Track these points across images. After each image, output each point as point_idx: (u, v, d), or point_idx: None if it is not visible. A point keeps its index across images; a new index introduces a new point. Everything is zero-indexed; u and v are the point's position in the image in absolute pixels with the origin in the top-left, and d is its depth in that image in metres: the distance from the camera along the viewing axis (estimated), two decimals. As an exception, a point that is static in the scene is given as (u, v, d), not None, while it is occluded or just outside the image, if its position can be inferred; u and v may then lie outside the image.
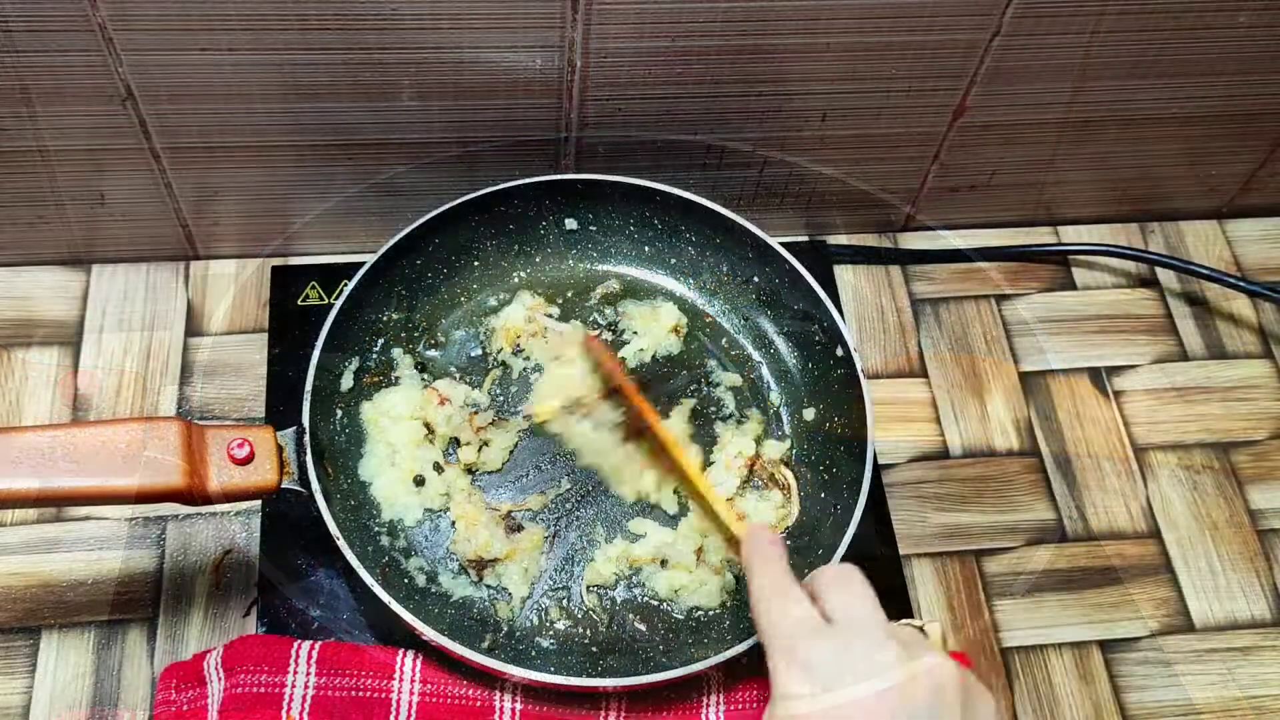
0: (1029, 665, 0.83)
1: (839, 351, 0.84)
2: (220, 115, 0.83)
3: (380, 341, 0.87)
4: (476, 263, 0.91)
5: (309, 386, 0.78)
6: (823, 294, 0.84)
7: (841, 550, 0.75)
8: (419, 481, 0.81)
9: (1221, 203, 1.04)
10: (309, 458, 0.75)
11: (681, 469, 0.74)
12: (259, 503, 0.84)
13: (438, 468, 0.82)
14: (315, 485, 0.74)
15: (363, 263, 0.83)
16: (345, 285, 0.83)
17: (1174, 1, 0.82)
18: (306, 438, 0.75)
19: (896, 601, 0.84)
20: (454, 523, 0.81)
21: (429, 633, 0.71)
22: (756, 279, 0.90)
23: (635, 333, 0.90)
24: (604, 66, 0.82)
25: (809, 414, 0.87)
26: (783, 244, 0.86)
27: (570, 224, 0.91)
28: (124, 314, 0.93)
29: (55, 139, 0.83)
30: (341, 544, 0.73)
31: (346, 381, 0.84)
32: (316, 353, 0.79)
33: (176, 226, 0.93)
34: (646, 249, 0.92)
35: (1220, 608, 0.87)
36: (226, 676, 0.74)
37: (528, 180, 0.87)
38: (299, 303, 0.93)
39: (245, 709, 0.73)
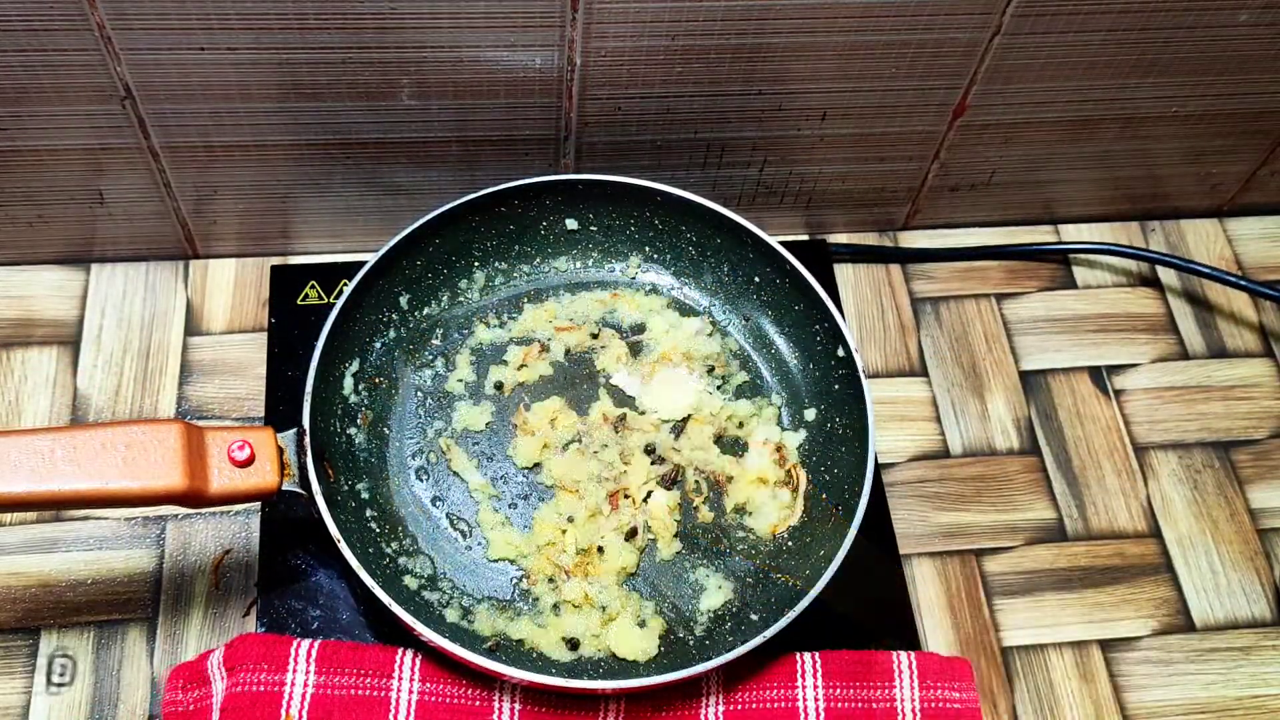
0: (1029, 665, 0.83)
1: (840, 351, 0.84)
2: (220, 114, 0.83)
3: (380, 342, 0.87)
4: (476, 263, 0.91)
5: (309, 388, 0.78)
6: (823, 294, 0.84)
7: (843, 550, 0.75)
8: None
9: (1222, 201, 1.04)
10: (309, 459, 0.74)
11: None
12: (259, 503, 0.84)
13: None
14: (316, 487, 0.74)
15: (363, 263, 0.83)
16: (345, 285, 0.83)
17: (1174, 1, 0.82)
18: (307, 439, 0.75)
19: (896, 601, 0.84)
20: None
21: (429, 634, 0.71)
22: (757, 279, 0.89)
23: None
24: (604, 65, 0.82)
25: (810, 414, 0.87)
26: (783, 243, 0.86)
27: (570, 224, 0.91)
28: (123, 313, 0.93)
29: (54, 138, 0.83)
30: (343, 546, 0.73)
31: (347, 383, 0.84)
32: (317, 353, 0.79)
33: (176, 225, 0.93)
34: (647, 249, 0.92)
35: (1220, 607, 0.87)
36: (228, 675, 0.75)
37: (528, 180, 0.87)
38: (299, 302, 0.93)
39: (245, 708, 0.73)
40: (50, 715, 0.77)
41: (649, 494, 0.83)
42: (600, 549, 0.81)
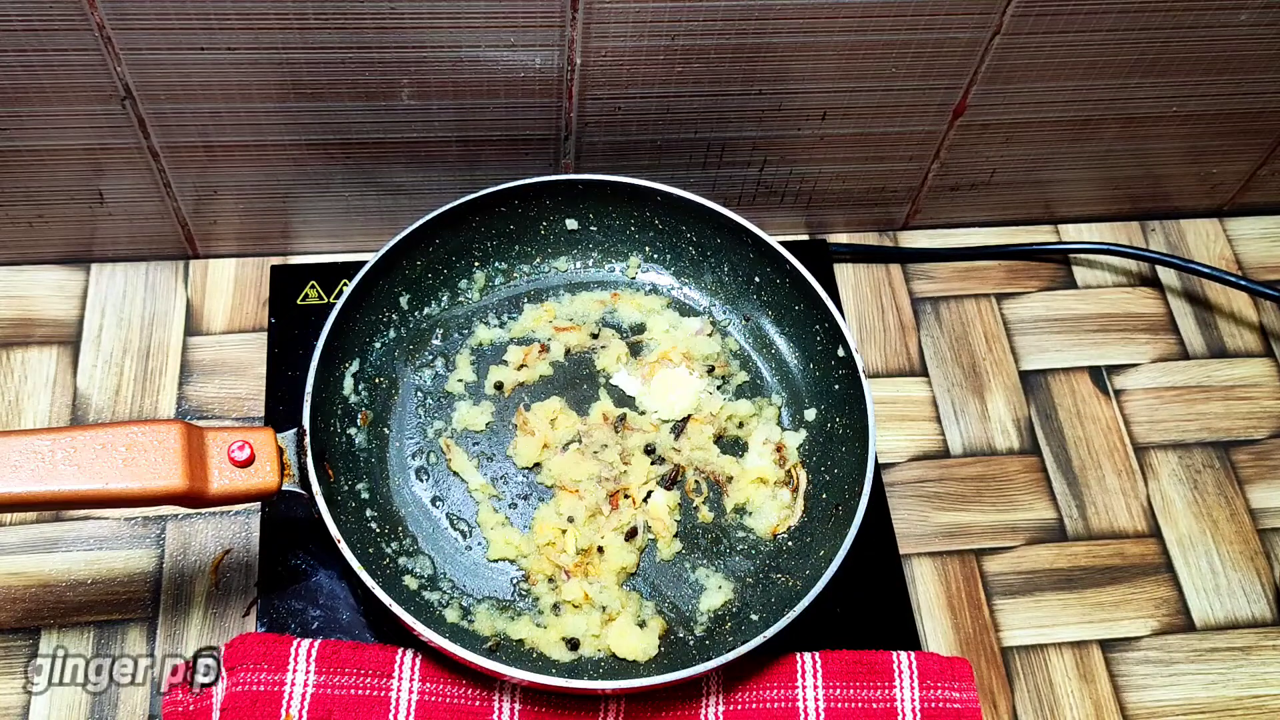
0: (1029, 665, 0.83)
1: (840, 351, 0.84)
2: (220, 114, 0.83)
3: (380, 342, 0.87)
4: (476, 263, 0.91)
5: (309, 388, 0.78)
6: (823, 294, 0.84)
7: (843, 550, 0.75)
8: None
9: (1222, 201, 1.04)
10: (309, 459, 0.74)
11: None
12: (259, 503, 0.84)
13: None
14: (316, 488, 0.74)
15: (363, 262, 0.83)
16: (345, 285, 0.83)
17: (1174, 1, 0.82)
18: (307, 439, 0.75)
19: (896, 601, 0.84)
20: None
21: (429, 634, 0.71)
22: (757, 279, 0.89)
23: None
24: (604, 65, 0.82)
25: (810, 414, 0.87)
26: (783, 243, 0.86)
27: (570, 224, 0.91)
28: (123, 313, 0.93)
29: (54, 138, 0.83)
30: (343, 547, 0.73)
31: (347, 383, 0.84)
32: (317, 353, 0.79)
33: (176, 225, 0.93)
34: (647, 249, 0.92)
35: (1220, 607, 0.87)
36: (228, 675, 0.75)
37: (528, 180, 0.87)
38: (298, 302, 0.93)
39: (245, 707, 0.73)
40: (50, 715, 0.77)
41: (649, 494, 0.83)
42: (600, 549, 0.81)
